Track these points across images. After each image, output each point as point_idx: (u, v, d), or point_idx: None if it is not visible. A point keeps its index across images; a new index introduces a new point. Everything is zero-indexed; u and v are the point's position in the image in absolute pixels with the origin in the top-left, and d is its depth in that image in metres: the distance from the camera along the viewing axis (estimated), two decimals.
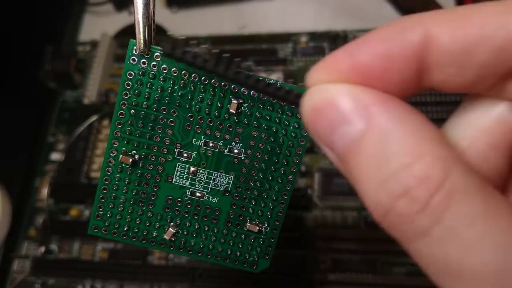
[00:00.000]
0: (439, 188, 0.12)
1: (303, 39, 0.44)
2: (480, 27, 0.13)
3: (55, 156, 0.43)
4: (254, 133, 0.21)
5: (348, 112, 0.14)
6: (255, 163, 0.22)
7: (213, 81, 0.20)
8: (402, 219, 0.13)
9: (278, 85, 0.17)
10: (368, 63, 0.14)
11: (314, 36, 0.44)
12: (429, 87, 0.15)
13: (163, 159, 0.22)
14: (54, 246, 0.39)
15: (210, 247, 0.23)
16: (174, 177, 0.22)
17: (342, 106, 0.14)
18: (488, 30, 0.13)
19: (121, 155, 0.21)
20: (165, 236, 0.22)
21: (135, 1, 0.19)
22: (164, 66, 0.20)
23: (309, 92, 0.15)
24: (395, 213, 0.13)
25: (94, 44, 0.47)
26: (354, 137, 0.14)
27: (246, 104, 0.21)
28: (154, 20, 0.19)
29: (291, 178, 0.22)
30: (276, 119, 0.21)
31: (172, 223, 0.22)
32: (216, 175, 0.22)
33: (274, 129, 0.21)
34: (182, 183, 0.22)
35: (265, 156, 0.21)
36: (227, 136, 0.21)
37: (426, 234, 0.13)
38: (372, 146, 0.13)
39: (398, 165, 0.13)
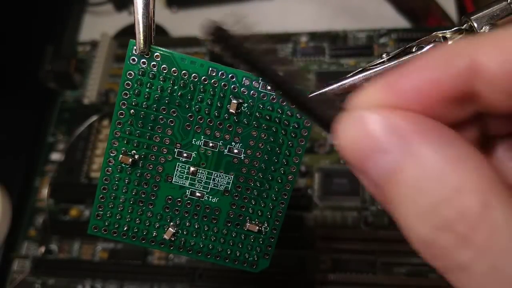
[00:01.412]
0: (479, 223, 0.12)
1: (303, 39, 0.44)
2: None
3: (55, 156, 0.43)
4: (254, 133, 0.21)
5: (384, 141, 0.13)
6: (255, 163, 0.22)
7: (213, 81, 0.20)
8: (443, 252, 0.13)
9: (316, 103, 0.16)
10: (410, 93, 0.14)
11: (314, 36, 0.44)
12: (479, 111, 0.14)
13: (163, 159, 0.22)
14: (54, 246, 0.39)
15: (210, 247, 0.23)
16: (174, 177, 0.22)
17: (377, 134, 0.13)
18: None
19: (121, 155, 0.21)
20: (165, 236, 0.22)
21: (135, 1, 0.19)
22: (164, 66, 0.20)
23: (343, 119, 0.14)
24: (436, 247, 0.13)
25: (94, 44, 0.47)
26: (391, 167, 0.13)
27: (246, 104, 0.21)
28: (154, 20, 0.19)
29: (291, 178, 0.22)
30: (276, 119, 0.21)
31: (172, 223, 0.22)
32: (216, 175, 0.22)
33: (274, 129, 0.21)
34: (182, 183, 0.22)
35: (265, 156, 0.21)
36: (227, 136, 0.21)
37: (467, 269, 0.12)
38: (412, 178, 0.13)
39: (437, 198, 0.13)
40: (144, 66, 0.20)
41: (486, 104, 0.14)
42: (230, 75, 0.20)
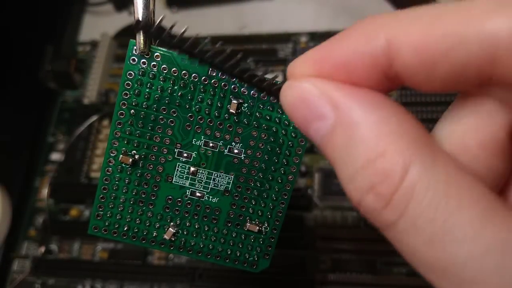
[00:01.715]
0: (400, 184, 0.13)
1: (303, 39, 0.44)
2: (440, 41, 0.13)
3: (55, 156, 0.43)
4: (254, 133, 0.21)
5: (318, 108, 0.14)
6: (255, 163, 0.22)
7: (213, 81, 0.20)
8: (372, 212, 0.14)
9: (262, 77, 0.17)
10: (336, 68, 0.14)
11: (314, 36, 0.44)
12: (404, 86, 0.15)
13: (163, 159, 0.22)
14: (54, 246, 0.39)
15: (210, 247, 0.23)
16: (174, 177, 0.22)
17: (312, 102, 0.15)
18: (448, 46, 0.13)
19: (121, 155, 0.21)
20: (165, 236, 0.22)
21: (135, 1, 0.19)
22: (164, 66, 0.20)
23: (284, 88, 0.15)
24: (366, 208, 0.14)
25: (94, 44, 0.47)
26: (325, 132, 0.14)
27: (246, 104, 0.21)
28: (154, 20, 0.19)
29: (291, 178, 0.22)
30: (276, 119, 0.21)
31: (172, 223, 0.22)
32: (216, 175, 0.22)
33: (274, 129, 0.21)
34: (182, 183, 0.22)
35: (265, 156, 0.21)
36: (227, 136, 0.21)
37: (393, 226, 0.13)
38: (341, 141, 0.14)
39: (363, 161, 0.13)
40: (144, 66, 0.20)
41: (408, 83, 0.14)
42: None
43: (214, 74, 0.20)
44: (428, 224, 0.12)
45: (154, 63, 0.20)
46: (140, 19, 0.18)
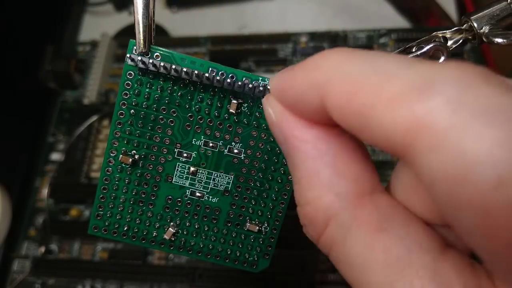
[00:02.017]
0: (322, 232, 0.15)
1: (303, 39, 0.44)
2: (353, 119, 0.13)
3: (55, 156, 0.43)
4: (254, 133, 0.21)
5: (277, 133, 0.16)
6: (255, 163, 0.22)
7: None
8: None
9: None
10: (289, 105, 0.16)
11: (314, 36, 0.44)
12: None
13: (163, 159, 0.22)
14: (54, 246, 0.39)
15: (210, 247, 0.23)
16: (174, 177, 0.22)
17: (274, 126, 0.16)
18: (358, 127, 0.13)
19: (121, 155, 0.21)
20: (165, 236, 0.22)
21: (135, 1, 0.19)
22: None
23: (263, 100, 0.17)
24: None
25: (94, 44, 0.47)
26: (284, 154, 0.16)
27: (246, 104, 0.21)
28: (154, 20, 0.19)
29: (291, 178, 0.22)
30: None
31: (172, 223, 0.22)
32: (216, 175, 0.22)
33: None
34: (182, 183, 0.22)
35: (265, 156, 0.21)
36: (227, 136, 0.21)
37: (328, 254, 0.16)
38: (290, 169, 0.16)
39: (297, 199, 0.16)
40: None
41: None
42: (230, 75, 0.20)
43: (214, 74, 0.20)
44: (348, 266, 0.15)
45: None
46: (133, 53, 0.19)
